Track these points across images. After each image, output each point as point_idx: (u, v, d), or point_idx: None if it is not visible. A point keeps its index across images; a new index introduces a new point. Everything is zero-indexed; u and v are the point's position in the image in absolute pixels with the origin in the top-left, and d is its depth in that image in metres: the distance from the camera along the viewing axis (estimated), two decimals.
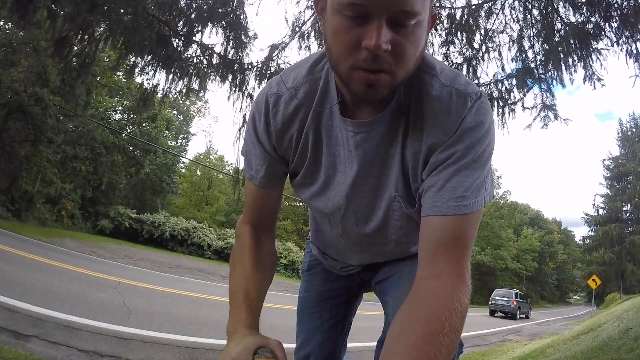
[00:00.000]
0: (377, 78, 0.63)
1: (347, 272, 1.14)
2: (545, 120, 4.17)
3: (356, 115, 0.77)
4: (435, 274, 0.67)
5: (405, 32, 0.62)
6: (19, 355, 2.46)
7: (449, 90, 0.71)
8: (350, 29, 0.61)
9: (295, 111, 0.80)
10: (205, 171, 32.77)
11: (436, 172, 0.71)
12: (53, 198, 17.22)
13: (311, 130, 0.80)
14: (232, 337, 0.78)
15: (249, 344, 0.72)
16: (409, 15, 0.60)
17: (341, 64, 0.65)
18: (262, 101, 0.83)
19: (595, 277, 23.98)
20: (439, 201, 0.69)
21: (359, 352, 4.55)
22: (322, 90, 0.79)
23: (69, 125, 17.54)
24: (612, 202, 36.33)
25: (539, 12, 4.02)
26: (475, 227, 0.71)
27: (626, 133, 37.42)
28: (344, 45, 0.63)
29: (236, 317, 0.82)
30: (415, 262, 0.98)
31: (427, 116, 0.72)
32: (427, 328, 0.60)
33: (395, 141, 0.76)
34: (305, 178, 0.87)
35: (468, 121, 0.70)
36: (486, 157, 0.71)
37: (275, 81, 0.84)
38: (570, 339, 6.18)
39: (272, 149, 0.84)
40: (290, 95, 0.80)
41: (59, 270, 6.44)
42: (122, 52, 4.18)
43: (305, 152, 0.83)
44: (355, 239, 0.94)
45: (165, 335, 3.73)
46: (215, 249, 20.79)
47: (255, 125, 0.84)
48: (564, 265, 53.99)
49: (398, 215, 0.83)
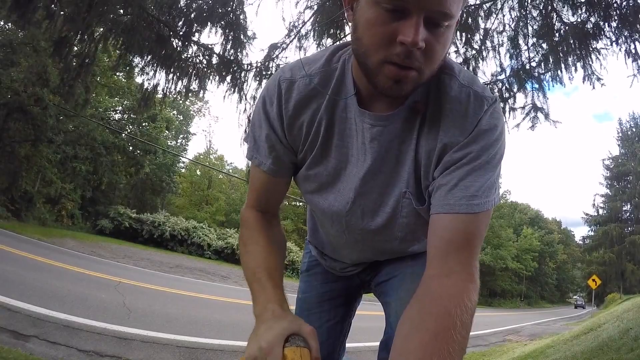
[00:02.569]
0: (406, 74, 0.64)
1: (347, 273, 1.13)
2: (534, 122, 4.17)
3: (371, 109, 0.77)
4: (445, 272, 0.67)
5: (437, 33, 0.63)
6: (19, 355, 2.46)
7: (467, 91, 0.72)
8: (386, 23, 0.62)
9: (308, 99, 0.79)
10: (205, 171, 32.79)
11: (449, 171, 0.72)
12: (53, 198, 17.23)
13: (324, 120, 0.79)
14: (261, 318, 0.71)
15: (282, 331, 0.67)
16: (445, 17, 0.62)
17: (372, 56, 0.65)
18: (274, 85, 0.81)
19: (595, 277, 23.99)
20: (451, 199, 0.70)
21: (359, 352, 4.55)
22: (337, 81, 0.79)
23: (69, 125, 17.54)
24: (612, 202, 36.33)
25: (539, 12, 4.02)
26: (484, 227, 0.72)
27: (626, 133, 37.44)
28: (377, 37, 0.63)
29: (264, 296, 0.75)
30: (417, 263, 0.97)
31: (444, 115, 0.73)
32: (439, 325, 0.60)
33: (410, 137, 0.76)
34: (311, 169, 0.85)
35: (484, 124, 0.71)
36: (498, 159, 0.73)
37: (289, 67, 0.83)
38: (570, 339, 6.18)
39: (283, 135, 0.82)
40: (305, 83, 0.79)
41: (59, 270, 6.44)
42: (121, 52, 4.18)
43: (315, 142, 0.82)
44: (358, 235, 0.93)
45: (165, 335, 3.73)
46: (215, 249, 20.79)
47: (266, 110, 0.82)
48: (564, 265, 53.99)
49: (406, 212, 0.82)
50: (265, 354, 0.64)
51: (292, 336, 0.67)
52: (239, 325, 4.97)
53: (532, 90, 4.12)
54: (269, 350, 0.64)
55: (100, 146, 18.33)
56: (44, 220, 16.36)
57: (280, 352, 0.64)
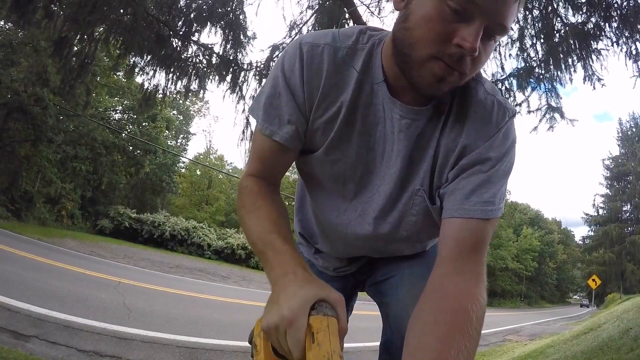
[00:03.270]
0: (451, 73, 0.64)
1: (341, 273, 1.10)
2: (551, 122, 4.18)
3: (398, 100, 0.75)
4: (457, 272, 0.67)
5: (487, 44, 0.64)
6: (19, 355, 2.46)
7: (492, 99, 0.74)
8: (447, 21, 0.61)
9: (333, 70, 0.74)
10: (205, 171, 32.79)
11: (465, 175, 0.73)
12: (53, 198, 17.24)
13: (347, 100, 0.75)
14: (281, 283, 0.62)
15: (308, 297, 0.57)
16: (502, 31, 0.62)
17: (420, 49, 0.63)
18: (295, 48, 0.75)
19: (595, 277, 24.00)
20: (466, 205, 0.71)
21: (359, 352, 4.54)
22: (364, 62, 0.75)
23: (69, 125, 17.56)
24: (612, 202, 36.36)
25: (539, 12, 4.02)
26: (492, 232, 0.74)
27: (626, 133, 37.46)
28: (433, 33, 0.62)
29: (282, 259, 0.66)
30: (415, 264, 0.98)
31: (468, 118, 0.74)
32: (456, 318, 0.60)
33: (433, 135, 0.76)
34: (329, 154, 0.80)
35: (504, 133, 0.73)
36: (509, 168, 0.75)
37: (311, 34, 0.78)
38: (570, 339, 6.18)
39: (303, 102, 0.76)
40: (330, 52, 0.74)
41: (59, 270, 6.44)
42: (121, 52, 4.18)
43: (334, 122, 0.77)
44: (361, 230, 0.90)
45: (165, 335, 3.73)
46: (215, 249, 20.80)
47: (285, 74, 0.75)
48: (564, 265, 54.01)
49: (416, 210, 0.81)
50: (288, 324, 0.56)
51: (319, 303, 0.58)
52: (239, 325, 4.97)
53: (545, 91, 4.13)
54: (293, 319, 0.55)
55: (100, 146, 18.33)
56: (44, 220, 16.36)
57: (305, 322, 0.56)
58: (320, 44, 0.74)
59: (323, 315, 0.56)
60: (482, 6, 0.59)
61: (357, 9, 4.37)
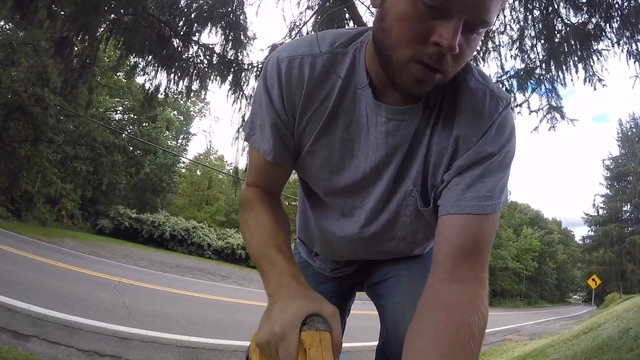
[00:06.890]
0: (432, 75, 0.61)
1: (338, 274, 1.08)
2: (552, 122, 4.18)
3: (384, 102, 0.72)
4: (457, 278, 0.64)
5: (470, 39, 0.60)
6: (19, 355, 2.46)
7: (483, 88, 0.70)
8: (423, 19, 0.57)
9: (315, 78, 0.73)
10: (205, 171, 32.78)
11: (462, 171, 0.70)
12: (53, 198, 17.21)
13: (329, 106, 0.74)
14: (275, 297, 0.62)
15: (298, 312, 0.57)
16: (483, 24, 0.59)
17: (399, 51, 0.61)
18: (273, 65, 0.74)
19: (595, 277, 24.00)
20: (462, 200, 0.67)
21: (359, 352, 4.54)
22: (348, 68, 0.73)
23: (69, 125, 17.54)
24: (612, 202, 36.36)
25: (540, 12, 4.02)
26: (494, 231, 0.70)
27: (626, 133, 37.46)
28: (410, 33, 0.59)
29: (275, 271, 0.67)
30: (413, 265, 0.96)
31: (459, 111, 0.70)
32: (459, 335, 0.58)
33: (424, 134, 0.73)
34: (313, 162, 0.80)
35: (498, 124, 0.69)
36: (509, 159, 0.71)
37: (288, 45, 0.76)
38: (570, 339, 6.18)
39: (286, 118, 0.76)
40: (309, 61, 0.72)
41: (59, 270, 6.43)
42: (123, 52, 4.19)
43: (314, 131, 0.76)
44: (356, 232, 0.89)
45: (165, 335, 3.73)
46: (215, 249, 20.78)
47: (267, 92, 0.75)
48: (564, 265, 53.96)
49: (410, 211, 0.79)
50: (279, 340, 0.55)
51: (311, 317, 0.57)
52: (239, 325, 4.97)
53: (546, 91, 4.13)
54: (284, 335, 0.55)
55: (101, 146, 18.32)
56: (44, 220, 16.35)
57: (296, 338, 0.55)
58: (298, 55, 0.73)
59: (315, 330, 0.55)
60: (458, 2, 0.55)
61: (357, 9, 4.38)
